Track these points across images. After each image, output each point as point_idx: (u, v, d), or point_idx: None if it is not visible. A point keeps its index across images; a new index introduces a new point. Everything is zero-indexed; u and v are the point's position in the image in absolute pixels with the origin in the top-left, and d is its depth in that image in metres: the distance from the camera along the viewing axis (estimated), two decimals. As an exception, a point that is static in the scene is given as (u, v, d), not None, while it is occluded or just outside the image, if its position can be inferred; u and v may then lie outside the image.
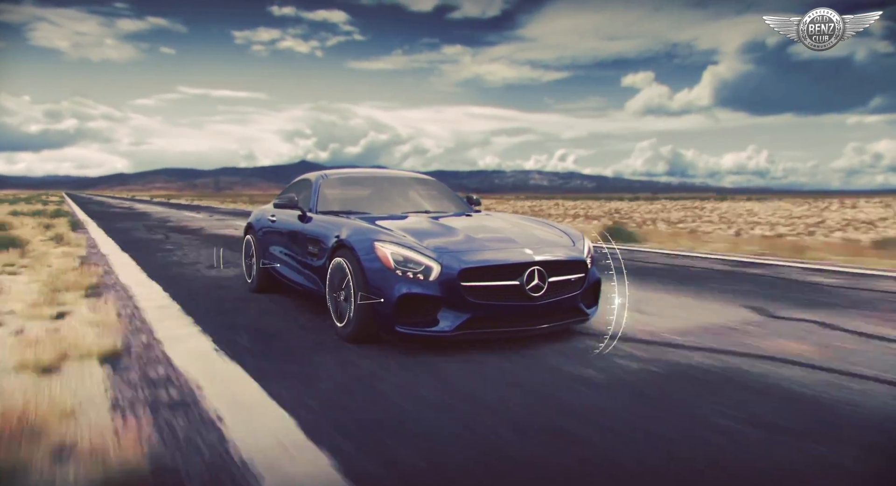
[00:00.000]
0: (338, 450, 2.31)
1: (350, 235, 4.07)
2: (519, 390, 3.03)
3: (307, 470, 2.16)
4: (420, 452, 2.32)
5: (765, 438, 2.43)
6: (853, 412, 2.72)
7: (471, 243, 3.89)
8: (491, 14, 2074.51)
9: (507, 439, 2.44)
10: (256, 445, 2.34)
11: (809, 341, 3.96)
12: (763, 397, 2.90)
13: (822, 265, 7.82)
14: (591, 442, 2.40)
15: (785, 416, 2.66)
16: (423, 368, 3.38)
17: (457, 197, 5.64)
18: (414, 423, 2.61)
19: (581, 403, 2.84)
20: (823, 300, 5.42)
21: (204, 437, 2.41)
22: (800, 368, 3.35)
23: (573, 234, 4.46)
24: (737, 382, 3.14)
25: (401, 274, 3.68)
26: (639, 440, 2.43)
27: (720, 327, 4.34)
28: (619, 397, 2.93)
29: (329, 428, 2.51)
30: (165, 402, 2.82)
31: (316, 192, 5.15)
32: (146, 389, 3.00)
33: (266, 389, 2.97)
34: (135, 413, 2.66)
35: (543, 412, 2.72)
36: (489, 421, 2.61)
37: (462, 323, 3.63)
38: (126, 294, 5.61)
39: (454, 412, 2.74)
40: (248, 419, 2.61)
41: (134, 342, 3.88)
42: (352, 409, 2.77)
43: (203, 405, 2.77)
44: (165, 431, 2.47)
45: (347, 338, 3.93)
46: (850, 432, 2.53)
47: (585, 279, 4.06)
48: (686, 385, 3.09)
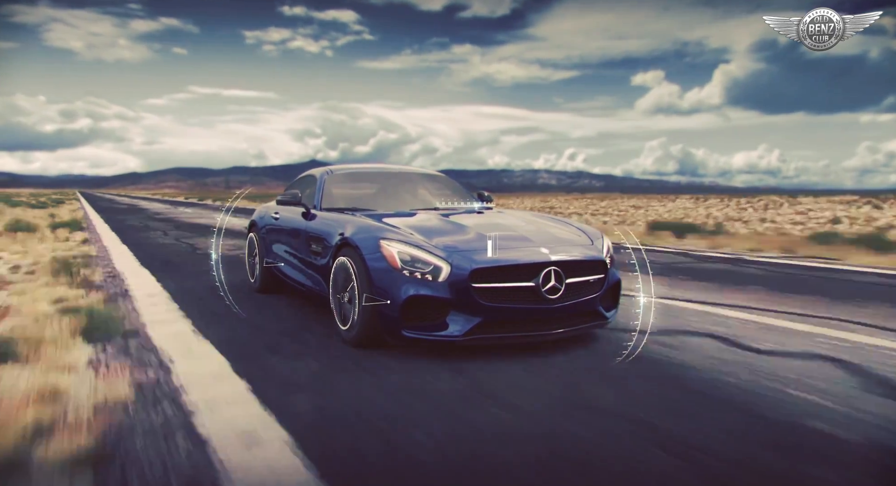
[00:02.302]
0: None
1: (354, 233, 3.84)
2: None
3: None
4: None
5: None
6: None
7: (482, 241, 3.64)
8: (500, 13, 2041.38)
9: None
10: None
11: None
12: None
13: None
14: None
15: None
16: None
17: (467, 193, 5.39)
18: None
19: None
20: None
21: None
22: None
23: (591, 232, 4.21)
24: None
25: (408, 274, 3.44)
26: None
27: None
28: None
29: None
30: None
31: (320, 188, 4.93)
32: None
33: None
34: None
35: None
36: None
37: (473, 327, 3.39)
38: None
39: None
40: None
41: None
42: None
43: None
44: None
45: (352, 342, 3.71)
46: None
47: (605, 281, 3.80)
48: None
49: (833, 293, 5.71)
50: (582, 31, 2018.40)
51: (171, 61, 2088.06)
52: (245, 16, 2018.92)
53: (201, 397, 2.76)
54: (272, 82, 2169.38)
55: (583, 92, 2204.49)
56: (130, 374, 3.05)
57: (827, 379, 3.10)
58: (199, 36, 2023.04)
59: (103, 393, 2.72)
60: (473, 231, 3.83)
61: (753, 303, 5.13)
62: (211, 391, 2.84)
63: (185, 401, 2.71)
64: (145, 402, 2.68)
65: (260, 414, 2.57)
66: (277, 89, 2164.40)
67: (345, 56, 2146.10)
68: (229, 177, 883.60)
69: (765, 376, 3.13)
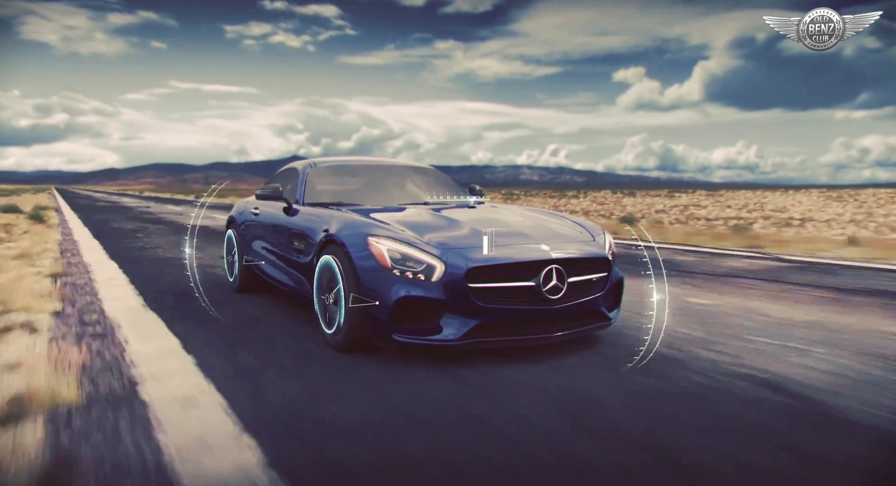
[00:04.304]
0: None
1: (340, 230, 3.58)
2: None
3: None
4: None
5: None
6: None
7: (478, 238, 3.38)
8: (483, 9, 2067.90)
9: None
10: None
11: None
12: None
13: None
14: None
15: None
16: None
17: (458, 187, 5.13)
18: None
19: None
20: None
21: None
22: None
23: (591, 227, 3.98)
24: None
25: (399, 274, 3.19)
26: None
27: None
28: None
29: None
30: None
31: (303, 182, 4.64)
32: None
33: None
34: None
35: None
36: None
37: (469, 331, 3.15)
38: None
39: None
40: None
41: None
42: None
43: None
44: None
45: (338, 347, 3.45)
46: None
47: (608, 279, 3.58)
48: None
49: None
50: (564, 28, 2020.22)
51: (150, 56, 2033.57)
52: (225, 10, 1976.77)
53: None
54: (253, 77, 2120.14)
55: (565, 88, 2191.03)
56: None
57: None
58: (179, 30, 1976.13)
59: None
60: (468, 227, 3.58)
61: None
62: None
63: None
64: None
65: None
66: (259, 84, 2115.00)
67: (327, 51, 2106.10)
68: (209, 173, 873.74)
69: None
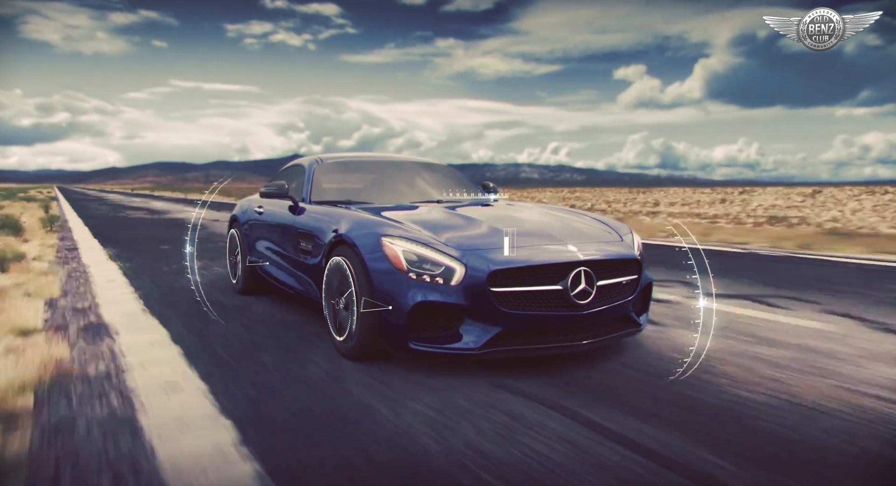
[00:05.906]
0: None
1: (351, 229, 3.34)
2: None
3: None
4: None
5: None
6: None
7: (499, 238, 3.14)
8: (484, 7, 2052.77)
9: None
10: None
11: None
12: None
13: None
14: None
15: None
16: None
17: (471, 185, 4.88)
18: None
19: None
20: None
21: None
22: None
23: (618, 226, 3.73)
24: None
25: (415, 277, 2.95)
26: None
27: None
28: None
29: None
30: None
31: (309, 179, 4.40)
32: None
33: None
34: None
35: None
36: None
37: (491, 339, 2.90)
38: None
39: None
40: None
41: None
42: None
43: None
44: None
45: (349, 355, 3.22)
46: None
47: (638, 282, 3.34)
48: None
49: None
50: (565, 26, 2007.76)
51: (152, 54, 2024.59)
52: (226, 9, 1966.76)
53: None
54: (255, 76, 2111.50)
55: (566, 86, 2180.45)
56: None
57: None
58: (180, 29, 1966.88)
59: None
60: (487, 226, 3.34)
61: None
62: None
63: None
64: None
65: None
66: (260, 83, 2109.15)
67: (328, 50, 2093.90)
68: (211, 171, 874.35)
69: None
